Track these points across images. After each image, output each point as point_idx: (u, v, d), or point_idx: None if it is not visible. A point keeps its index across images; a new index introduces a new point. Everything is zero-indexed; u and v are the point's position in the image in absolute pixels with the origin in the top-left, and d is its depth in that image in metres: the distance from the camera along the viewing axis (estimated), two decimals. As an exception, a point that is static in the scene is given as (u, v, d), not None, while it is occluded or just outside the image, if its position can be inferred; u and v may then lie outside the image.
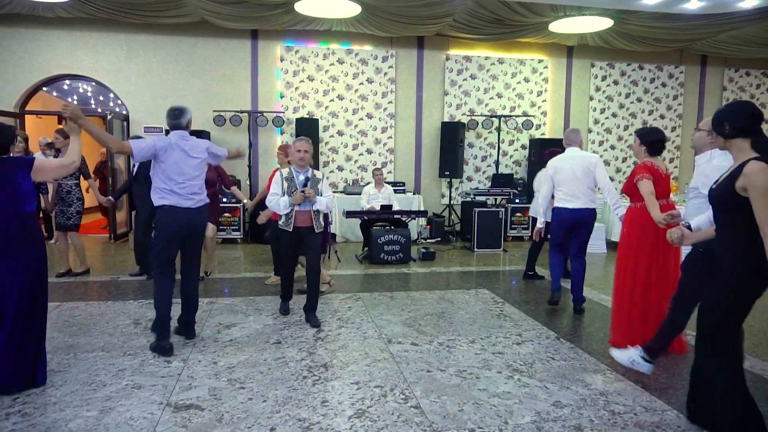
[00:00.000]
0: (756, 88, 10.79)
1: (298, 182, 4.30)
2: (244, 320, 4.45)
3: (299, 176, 4.33)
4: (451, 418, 2.80)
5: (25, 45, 8.49)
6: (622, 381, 3.30)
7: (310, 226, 4.31)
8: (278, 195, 4.28)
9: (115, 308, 4.77)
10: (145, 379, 3.25)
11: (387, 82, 9.52)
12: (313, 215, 4.31)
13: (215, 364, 3.50)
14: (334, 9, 7.63)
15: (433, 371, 3.43)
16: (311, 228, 4.32)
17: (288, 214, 4.27)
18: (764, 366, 3.59)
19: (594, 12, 7.69)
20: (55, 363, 3.47)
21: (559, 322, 4.56)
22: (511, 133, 10.00)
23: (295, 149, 4.31)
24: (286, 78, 9.21)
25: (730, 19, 7.80)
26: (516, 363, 3.60)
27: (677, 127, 10.56)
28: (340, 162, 9.54)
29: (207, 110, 8.90)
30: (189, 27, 8.73)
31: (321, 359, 3.62)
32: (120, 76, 8.79)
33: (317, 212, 4.35)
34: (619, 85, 10.31)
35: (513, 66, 9.89)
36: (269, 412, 2.85)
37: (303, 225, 4.30)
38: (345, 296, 5.32)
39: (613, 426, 2.75)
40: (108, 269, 6.50)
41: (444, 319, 4.60)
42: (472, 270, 6.80)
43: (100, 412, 2.83)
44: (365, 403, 2.97)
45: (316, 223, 4.35)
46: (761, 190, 2.17)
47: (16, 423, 2.70)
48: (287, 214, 4.27)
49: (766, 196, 2.16)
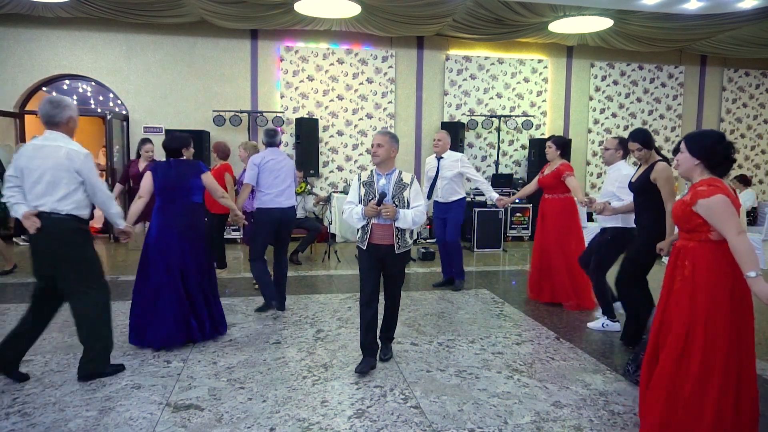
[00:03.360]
0: (755, 89, 10.79)
1: (378, 188, 3.36)
2: (244, 320, 4.45)
3: (380, 180, 3.38)
4: (451, 418, 2.80)
5: (25, 45, 8.49)
6: (622, 381, 3.30)
7: (391, 244, 3.35)
8: (353, 204, 3.43)
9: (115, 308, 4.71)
10: (145, 379, 3.25)
11: (387, 82, 9.53)
12: (395, 231, 3.34)
13: (215, 364, 3.50)
14: (334, 9, 7.62)
15: (433, 371, 3.43)
16: (391, 247, 3.35)
17: (364, 227, 3.38)
18: (765, 366, 3.59)
19: (594, 12, 7.69)
20: (54, 363, 3.47)
21: (558, 322, 4.56)
22: (510, 133, 10.00)
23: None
24: (285, 78, 9.21)
25: (730, 19, 7.81)
26: (516, 363, 3.60)
27: (677, 127, 10.56)
28: (340, 162, 9.54)
29: (207, 110, 8.90)
30: (188, 27, 8.73)
31: (321, 359, 3.62)
32: (120, 76, 8.79)
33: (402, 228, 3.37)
34: (619, 85, 10.31)
35: (513, 66, 9.89)
36: (269, 412, 2.85)
37: (382, 242, 3.35)
38: (345, 296, 5.32)
39: (613, 426, 2.75)
40: (108, 269, 6.49)
41: (444, 319, 4.60)
42: (471, 270, 6.80)
43: (100, 412, 2.83)
44: (365, 403, 2.97)
45: (399, 242, 3.36)
46: (664, 179, 3.57)
47: (16, 423, 2.70)
48: (363, 227, 3.39)
49: (667, 182, 3.56)
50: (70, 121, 3.17)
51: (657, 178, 3.57)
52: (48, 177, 3.05)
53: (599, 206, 4.02)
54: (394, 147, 3.38)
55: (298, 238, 8.32)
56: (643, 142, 3.76)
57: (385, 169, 3.38)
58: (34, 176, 3.06)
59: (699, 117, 10.67)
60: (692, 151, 2.51)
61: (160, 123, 8.87)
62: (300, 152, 8.85)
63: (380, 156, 3.34)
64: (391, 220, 3.29)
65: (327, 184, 9.49)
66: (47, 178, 3.05)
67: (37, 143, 3.13)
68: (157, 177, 3.85)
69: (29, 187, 3.08)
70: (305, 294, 5.38)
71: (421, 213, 3.32)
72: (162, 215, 3.85)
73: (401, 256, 3.40)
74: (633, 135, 3.84)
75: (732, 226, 2.31)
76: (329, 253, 7.40)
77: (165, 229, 3.82)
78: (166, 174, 3.86)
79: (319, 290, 5.61)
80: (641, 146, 3.77)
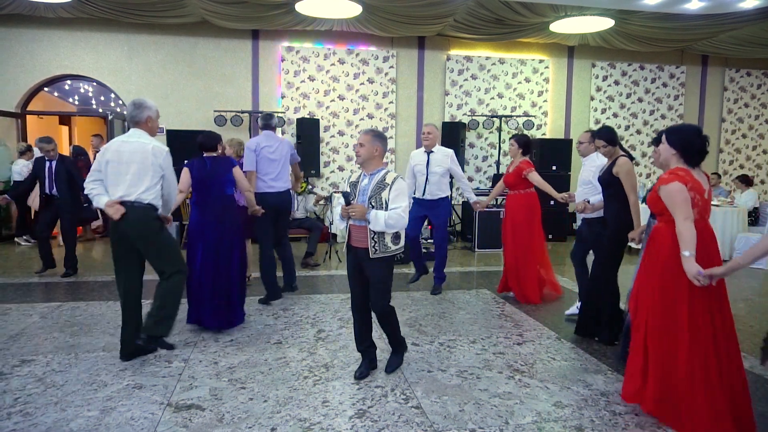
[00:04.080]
0: (757, 89, 10.78)
1: (360, 188, 3.21)
2: (245, 320, 4.45)
3: (364, 180, 3.23)
4: (452, 419, 2.80)
5: (26, 45, 8.50)
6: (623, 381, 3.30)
7: (366, 247, 3.14)
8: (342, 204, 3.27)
9: (116, 308, 4.75)
10: (146, 379, 3.25)
11: (388, 82, 9.53)
12: (370, 234, 3.12)
13: (216, 364, 3.50)
14: (335, 9, 7.62)
15: (434, 371, 3.43)
16: (367, 251, 3.13)
17: (347, 228, 3.25)
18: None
19: (595, 12, 7.68)
20: (56, 363, 3.48)
21: (559, 322, 4.56)
22: (512, 133, 9.98)
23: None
24: (287, 78, 9.22)
25: (731, 19, 7.79)
26: (517, 363, 3.60)
27: (678, 128, 10.54)
28: (341, 162, 9.54)
29: (208, 110, 8.90)
30: (190, 27, 8.74)
31: (322, 359, 3.62)
32: (121, 76, 8.80)
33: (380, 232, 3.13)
34: (620, 85, 10.31)
35: (514, 66, 9.89)
36: (270, 412, 2.86)
37: (359, 245, 3.18)
38: (346, 296, 5.32)
39: (614, 426, 2.75)
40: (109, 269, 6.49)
41: (445, 319, 4.60)
42: (473, 270, 6.80)
43: (101, 412, 2.84)
44: (366, 403, 2.97)
45: (376, 245, 3.11)
46: (625, 173, 3.81)
47: (18, 423, 2.70)
48: (346, 227, 3.26)
49: (628, 176, 3.80)
50: (148, 120, 3.56)
51: (618, 172, 3.83)
52: (135, 169, 3.42)
53: (580, 206, 4.28)
54: (377, 146, 3.17)
55: (299, 238, 8.35)
56: (608, 140, 4.04)
57: (370, 169, 3.21)
58: (121, 169, 3.42)
59: (700, 117, 10.65)
60: (671, 143, 2.75)
61: (162, 123, 8.83)
62: (301, 152, 8.83)
63: (362, 156, 3.18)
64: (364, 221, 3.11)
65: (328, 184, 9.49)
66: (134, 170, 3.42)
67: (123, 139, 3.51)
68: (193, 172, 4.17)
69: (115, 178, 3.43)
70: (306, 294, 5.38)
71: (398, 216, 3.03)
72: (199, 208, 4.18)
73: (377, 262, 3.12)
74: (598, 133, 4.11)
75: (680, 211, 2.57)
76: (330, 254, 7.41)
77: (203, 219, 4.14)
78: (202, 169, 4.17)
79: (320, 290, 5.61)
80: (606, 143, 4.04)
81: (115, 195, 3.41)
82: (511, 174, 5.22)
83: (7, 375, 3.28)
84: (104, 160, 3.43)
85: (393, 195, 3.09)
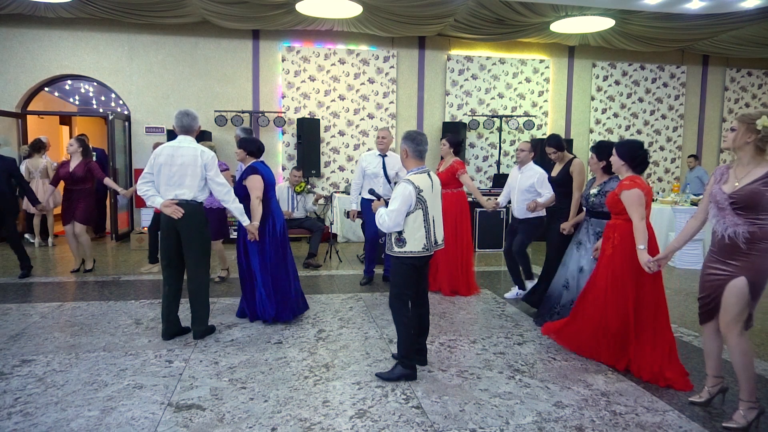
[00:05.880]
0: (758, 88, 10.77)
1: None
2: (245, 320, 4.45)
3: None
4: (453, 419, 2.80)
5: (27, 45, 8.51)
6: (624, 381, 3.30)
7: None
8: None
9: (117, 308, 4.77)
10: (147, 379, 3.25)
11: (388, 82, 9.53)
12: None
13: (216, 364, 3.50)
14: (336, 9, 7.63)
15: (435, 371, 3.43)
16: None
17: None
18: (766, 366, 3.58)
19: (595, 12, 7.69)
20: (56, 362, 3.48)
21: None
22: (512, 133, 9.99)
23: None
24: (287, 78, 9.22)
25: (732, 19, 7.79)
26: (517, 363, 3.59)
27: (679, 127, 10.55)
28: (342, 162, 9.54)
29: (208, 110, 8.91)
30: (190, 27, 8.75)
31: (322, 359, 3.62)
32: (121, 76, 8.81)
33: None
34: (621, 85, 10.30)
35: (514, 66, 9.89)
36: (270, 412, 2.86)
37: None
38: (346, 296, 5.32)
39: (615, 426, 2.75)
40: (109, 269, 6.50)
41: (445, 319, 4.60)
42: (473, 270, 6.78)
43: (102, 411, 2.84)
44: (366, 403, 2.97)
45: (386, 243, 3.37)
46: (578, 171, 4.44)
47: (18, 423, 2.70)
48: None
49: (580, 174, 4.45)
50: (198, 129, 3.99)
51: (573, 171, 4.43)
52: (190, 171, 3.78)
53: (532, 205, 4.78)
54: (404, 148, 3.32)
55: (299, 238, 8.35)
56: (557, 146, 4.54)
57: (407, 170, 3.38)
58: (173, 171, 3.77)
59: (701, 117, 10.65)
60: (620, 155, 3.39)
61: (162, 123, 8.89)
62: (301, 152, 8.86)
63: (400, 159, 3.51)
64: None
65: (329, 184, 9.50)
66: (189, 172, 3.79)
67: (174, 145, 3.84)
68: (264, 177, 4.28)
69: (168, 180, 3.77)
70: (307, 294, 5.36)
71: (380, 215, 3.16)
72: (273, 210, 4.34)
73: (392, 258, 3.29)
74: (548, 141, 4.58)
75: (637, 213, 3.18)
76: (331, 253, 7.41)
77: (279, 220, 4.36)
78: (268, 173, 4.35)
79: (321, 290, 5.61)
80: (555, 149, 4.54)
81: (168, 195, 3.77)
82: (444, 173, 5.38)
83: (7, 375, 3.28)
84: (157, 164, 3.77)
85: (392, 197, 3.23)
